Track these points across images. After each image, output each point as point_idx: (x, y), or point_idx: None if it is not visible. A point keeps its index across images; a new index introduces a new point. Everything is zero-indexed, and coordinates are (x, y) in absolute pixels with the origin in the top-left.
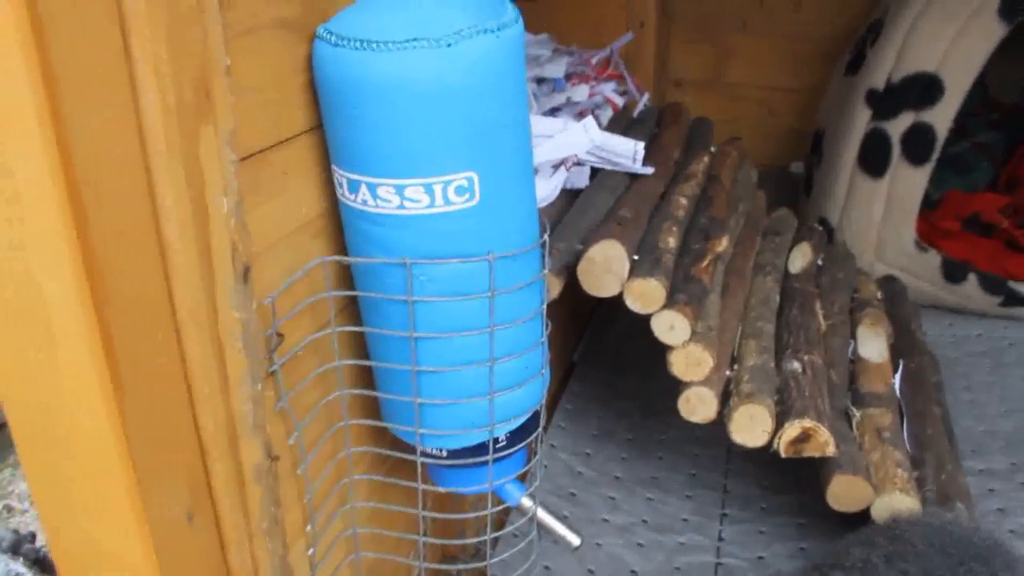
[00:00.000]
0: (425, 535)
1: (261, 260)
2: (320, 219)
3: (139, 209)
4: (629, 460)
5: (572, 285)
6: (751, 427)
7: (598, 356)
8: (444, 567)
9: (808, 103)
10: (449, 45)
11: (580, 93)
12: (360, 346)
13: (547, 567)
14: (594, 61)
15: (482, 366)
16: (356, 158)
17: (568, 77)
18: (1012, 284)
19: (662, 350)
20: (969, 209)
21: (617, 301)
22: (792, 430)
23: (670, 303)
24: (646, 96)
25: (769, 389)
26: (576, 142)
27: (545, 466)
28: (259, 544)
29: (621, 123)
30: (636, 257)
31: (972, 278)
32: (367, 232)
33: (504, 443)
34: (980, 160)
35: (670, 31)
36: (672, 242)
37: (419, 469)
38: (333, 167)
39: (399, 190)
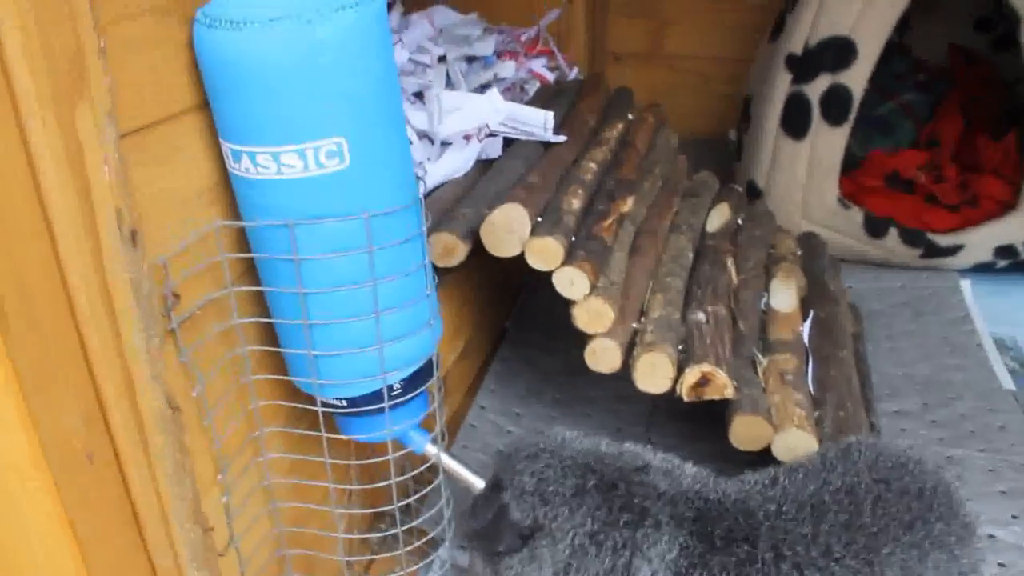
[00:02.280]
0: (352, 485)
1: (153, 226)
2: (215, 189)
3: (21, 180)
4: (558, 418)
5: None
6: (653, 374)
7: (530, 322)
8: (368, 511)
9: (743, 72)
10: (310, 21)
11: (507, 69)
12: (265, 306)
13: None
14: (523, 38)
15: (369, 318)
16: (237, 130)
17: (498, 55)
18: (931, 236)
19: None
20: (890, 167)
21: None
22: (692, 375)
23: (569, 260)
24: (575, 71)
25: (672, 339)
26: (482, 113)
27: (473, 426)
28: (164, 487)
29: (544, 96)
30: (540, 219)
31: (893, 232)
32: (253, 198)
33: (400, 390)
34: (904, 120)
35: (607, 5)
36: (576, 204)
37: (321, 419)
38: (220, 140)
39: (275, 157)
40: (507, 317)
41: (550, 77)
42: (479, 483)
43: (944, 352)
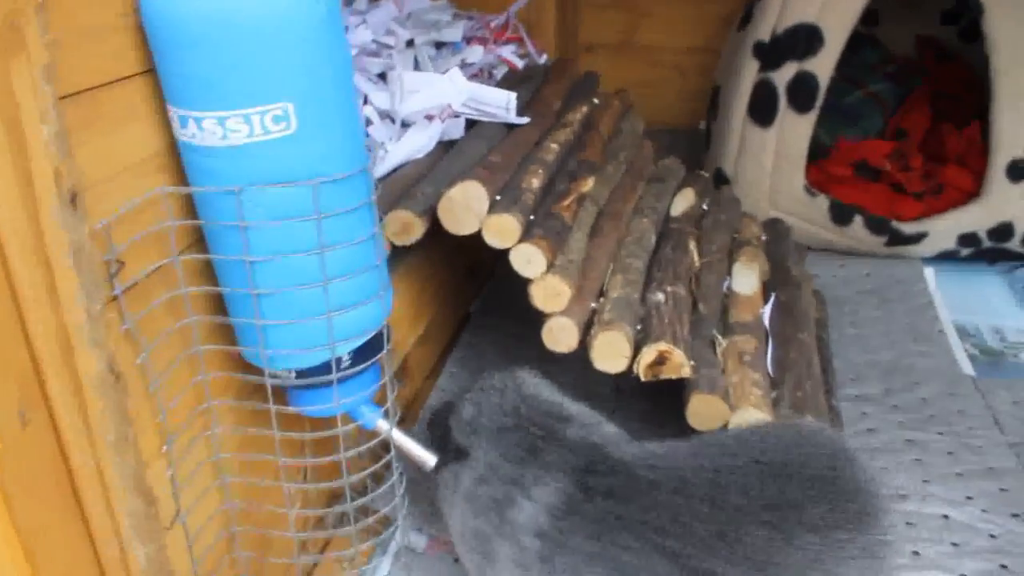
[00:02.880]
0: (303, 460)
1: (98, 190)
2: (162, 155)
3: None
4: None
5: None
6: (611, 353)
7: (496, 308)
8: (323, 488)
9: (716, 63)
10: None
11: (475, 54)
12: (214, 275)
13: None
14: (493, 25)
15: (316, 287)
16: (183, 94)
17: (468, 41)
18: (895, 224)
19: None
20: (858, 155)
21: None
22: (649, 354)
23: (527, 237)
24: (544, 57)
25: (630, 318)
26: (444, 93)
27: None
28: (104, 455)
29: (510, 80)
30: (498, 198)
31: (858, 220)
32: (200, 164)
33: (349, 362)
34: (872, 109)
35: None
36: (535, 183)
37: (269, 391)
38: (166, 105)
39: (221, 121)
40: (472, 302)
41: (519, 64)
42: (431, 460)
43: (907, 339)
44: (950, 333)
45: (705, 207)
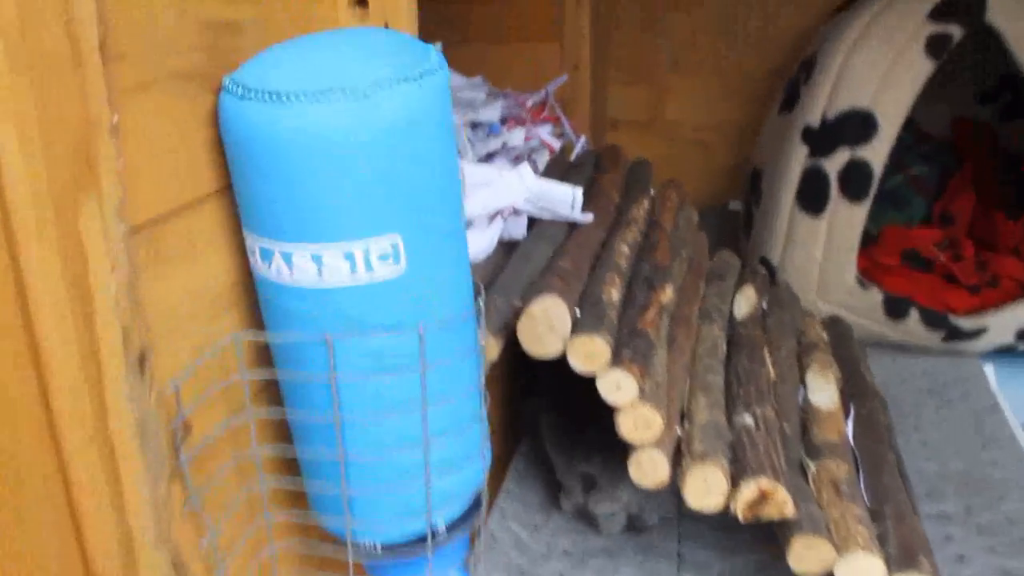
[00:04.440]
0: None
1: (163, 342)
2: (233, 291)
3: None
4: (575, 531)
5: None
6: (706, 490)
7: (543, 403)
8: None
9: (743, 140)
10: (367, 96)
11: (516, 137)
12: (283, 430)
13: None
14: (529, 104)
15: (415, 448)
16: (268, 222)
17: (503, 121)
18: (952, 319)
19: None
20: (906, 244)
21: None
22: (748, 491)
23: (616, 361)
24: (583, 139)
25: (722, 447)
26: (511, 191)
27: (494, 537)
28: None
29: (558, 168)
30: (578, 311)
31: (914, 314)
32: (284, 306)
33: (444, 531)
34: (914, 195)
35: (605, 72)
36: (615, 294)
37: (351, 568)
38: (245, 233)
39: (316, 258)
40: (520, 398)
41: (556, 145)
42: None
43: (977, 446)
44: (1021, 439)
45: (764, 306)
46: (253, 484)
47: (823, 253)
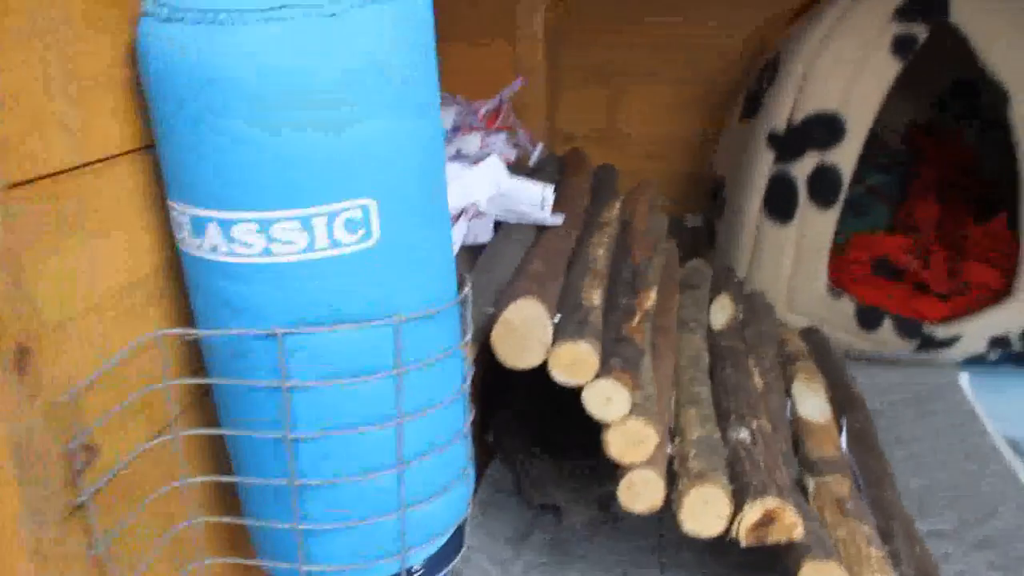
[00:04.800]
0: None
1: (57, 339)
2: (155, 276)
3: None
4: (548, 564)
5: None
6: (705, 513)
7: (514, 432)
8: None
9: (700, 152)
10: (333, 15)
11: (471, 144)
12: (220, 452)
13: None
14: (483, 111)
15: (388, 473)
16: (201, 186)
17: (456, 128)
18: (926, 328)
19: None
20: (876, 251)
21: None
22: (753, 513)
23: (604, 370)
24: (539, 147)
25: (721, 465)
26: (482, 183)
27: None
28: None
29: (519, 172)
30: (558, 316)
31: (887, 323)
32: (220, 290)
33: (421, 571)
34: (876, 202)
35: (559, 81)
36: (596, 298)
37: None
38: (169, 203)
39: (264, 227)
40: (487, 425)
41: (511, 155)
42: None
43: (960, 457)
44: (1004, 449)
45: (741, 315)
46: (181, 522)
47: (792, 262)
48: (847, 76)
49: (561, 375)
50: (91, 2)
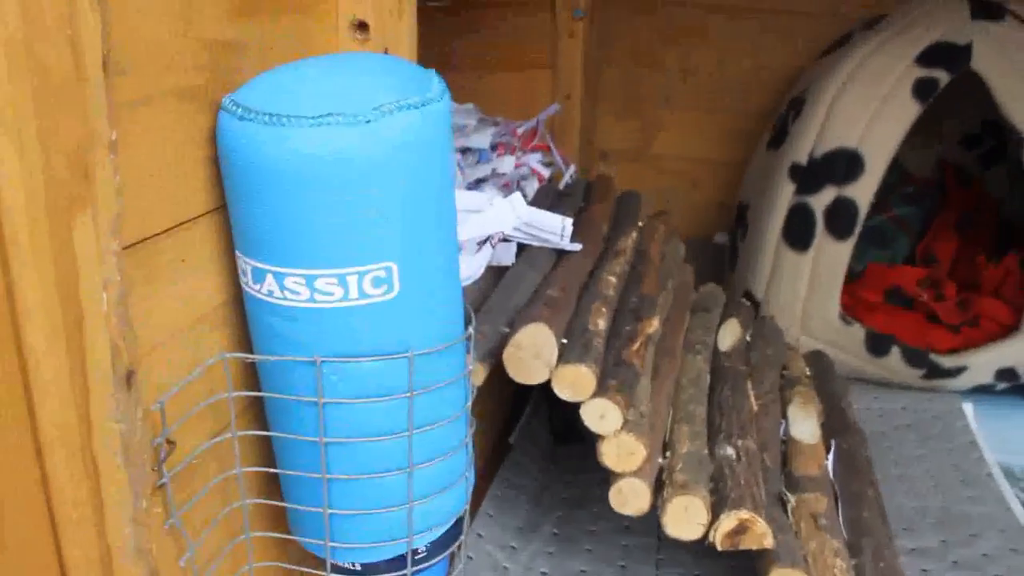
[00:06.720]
0: None
1: (151, 360)
2: (222, 309)
3: None
4: (556, 554)
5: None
6: (686, 519)
7: (536, 437)
8: None
9: (731, 176)
10: (368, 121)
11: (506, 164)
12: (267, 449)
13: None
14: (520, 132)
15: (400, 473)
16: (262, 244)
17: (494, 147)
18: (933, 356)
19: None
20: (890, 281)
21: None
22: (728, 522)
23: (600, 390)
24: (572, 168)
25: (704, 478)
26: (502, 218)
27: (470, 557)
28: None
29: (548, 196)
30: (565, 340)
31: (895, 351)
32: (274, 326)
33: (424, 554)
34: (898, 233)
35: (596, 104)
36: (602, 324)
37: None
38: (237, 253)
39: (309, 281)
40: (509, 428)
41: (545, 173)
42: None
43: (955, 482)
44: (998, 477)
45: (748, 338)
46: (235, 502)
47: (807, 289)
48: (868, 115)
49: (563, 392)
50: (183, 98)
